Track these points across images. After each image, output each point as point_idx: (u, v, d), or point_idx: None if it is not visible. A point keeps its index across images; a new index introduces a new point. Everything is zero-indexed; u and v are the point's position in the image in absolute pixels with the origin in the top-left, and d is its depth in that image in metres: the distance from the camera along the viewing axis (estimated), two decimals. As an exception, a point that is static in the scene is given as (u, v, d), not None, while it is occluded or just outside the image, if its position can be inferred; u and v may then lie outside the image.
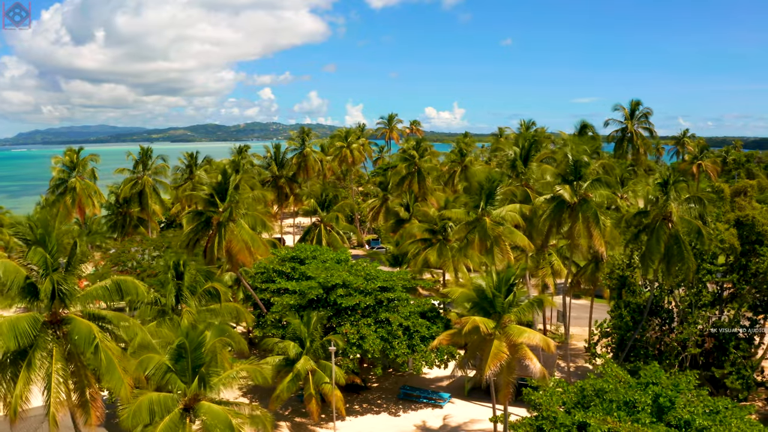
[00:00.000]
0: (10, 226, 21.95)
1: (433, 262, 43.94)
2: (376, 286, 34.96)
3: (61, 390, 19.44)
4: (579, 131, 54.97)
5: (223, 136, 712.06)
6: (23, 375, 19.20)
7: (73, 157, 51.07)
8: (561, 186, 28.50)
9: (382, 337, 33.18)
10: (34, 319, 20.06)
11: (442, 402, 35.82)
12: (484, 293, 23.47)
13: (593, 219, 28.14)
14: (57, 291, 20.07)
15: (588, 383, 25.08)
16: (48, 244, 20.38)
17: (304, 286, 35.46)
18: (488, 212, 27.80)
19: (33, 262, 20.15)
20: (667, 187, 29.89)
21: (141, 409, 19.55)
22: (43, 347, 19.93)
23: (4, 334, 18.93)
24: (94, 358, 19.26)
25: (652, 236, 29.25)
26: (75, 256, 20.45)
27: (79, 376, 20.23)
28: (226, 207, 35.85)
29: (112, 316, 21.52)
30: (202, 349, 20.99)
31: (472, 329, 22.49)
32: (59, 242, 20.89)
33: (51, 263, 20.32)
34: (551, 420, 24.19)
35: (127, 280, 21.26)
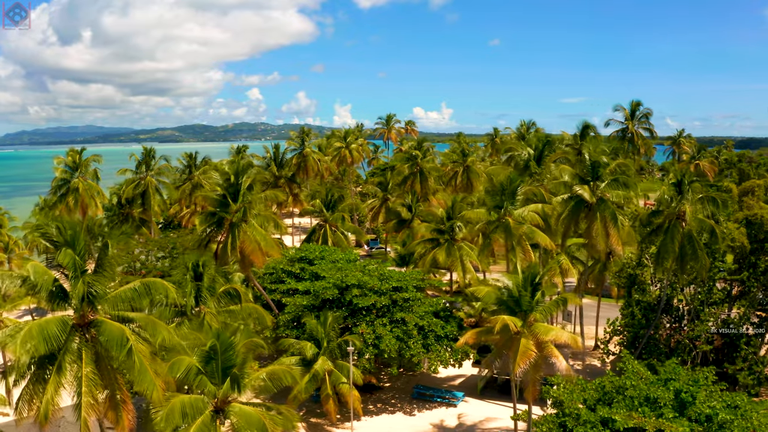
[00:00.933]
0: (37, 228, 21.62)
1: (441, 261, 44.09)
2: (390, 286, 35.04)
3: (92, 394, 19.21)
4: (581, 132, 55.40)
5: (211, 136, 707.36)
6: (53, 379, 18.94)
7: (75, 157, 50.46)
8: (580, 186, 28.82)
9: (397, 337, 33.25)
10: (63, 321, 19.85)
11: (456, 401, 35.97)
12: (511, 292, 23.64)
13: (611, 219, 28.50)
14: (87, 293, 19.84)
15: (607, 380, 25.38)
16: (77, 246, 20.16)
17: (318, 286, 35.40)
18: (510, 212, 28.00)
19: (63, 264, 19.88)
20: (681, 186, 30.33)
21: (174, 412, 19.41)
22: (72, 350, 19.70)
23: (34, 338, 18.67)
24: (126, 361, 19.04)
25: (666, 235, 29.67)
26: (106, 257, 20.21)
27: (109, 380, 20.01)
28: (239, 207, 35.67)
29: (139, 319, 21.31)
30: (232, 350, 20.92)
31: (500, 328, 22.64)
32: (87, 244, 20.68)
33: (81, 265, 20.10)
34: (574, 417, 24.44)
35: (156, 282, 21.06)
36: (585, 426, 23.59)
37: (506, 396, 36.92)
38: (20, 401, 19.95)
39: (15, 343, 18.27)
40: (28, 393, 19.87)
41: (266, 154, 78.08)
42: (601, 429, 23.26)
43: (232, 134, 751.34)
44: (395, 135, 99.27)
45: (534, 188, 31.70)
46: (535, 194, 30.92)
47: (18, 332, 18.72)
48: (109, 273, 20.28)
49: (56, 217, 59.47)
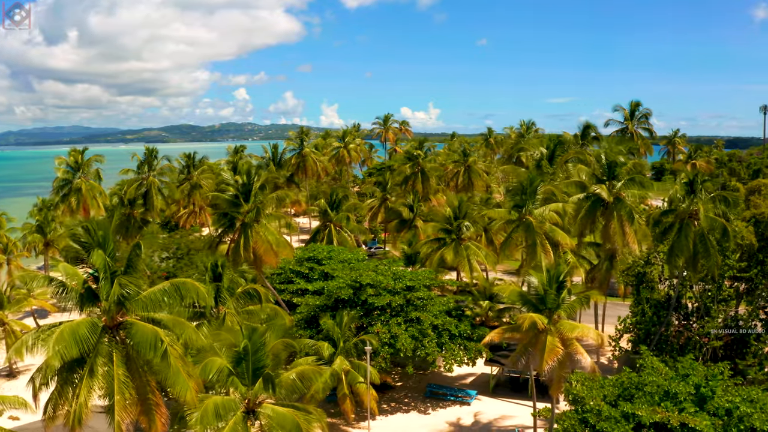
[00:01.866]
0: (68, 229, 21.35)
1: (449, 261, 44.28)
2: (403, 285, 35.16)
3: (125, 396, 19.03)
4: (582, 132, 56.10)
5: (198, 136, 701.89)
6: (86, 382, 18.71)
7: (77, 157, 49.80)
8: (598, 185, 29.21)
9: (412, 336, 33.37)
10: (93, 324, 19.62)
11: (469, 399, 36.17)
12: (536, 290, 23.89)
13: (627, 217, 28.91)
14: (117, 294, 19.64)
15: (625, 376, 25.71)
16: (107, 247, 19.97)
17: (332, 286, 35.40)
18: (530, 211, 28.28)
19: (96, 265, 19.67)
20: (693, 186, 30.84)
21: (208, 413, 19.29)
22: (103, 353, 19.49)
23: (66, 341, 18.41)
24: (160, 362, 18.88)
25: (680, 234, 30.14)
26: (138, 258, 20.04)
27: (140, 382, 19.82)
28: (252, 207, 35.58)
29: (167, 320, 21.15)
30: (262, 351, 20.85)
31: (528, 325, 22.88)
32: (116, 245, 20.50)
33: (112, 266, 19.92)
34: (595, 413, 24.72)
35: (187, 282, 20.93)
36: (608, 421, 23.89)
37: (518, 394, 37.23)
38: (48, 405, 19.69)
39: (47, 346, 18.01)
40: (57, 397, 19.61)
41: (265, 154, 77.86)
42: (625, 424, 23.58)
43: (219, 134, 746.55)
44: (393, 135, 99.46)
45: (552, 187, 31.99)
46: (555, 194, 31.16)
47: (50, 335, 18.47)
48: (140, 274, 20.11)
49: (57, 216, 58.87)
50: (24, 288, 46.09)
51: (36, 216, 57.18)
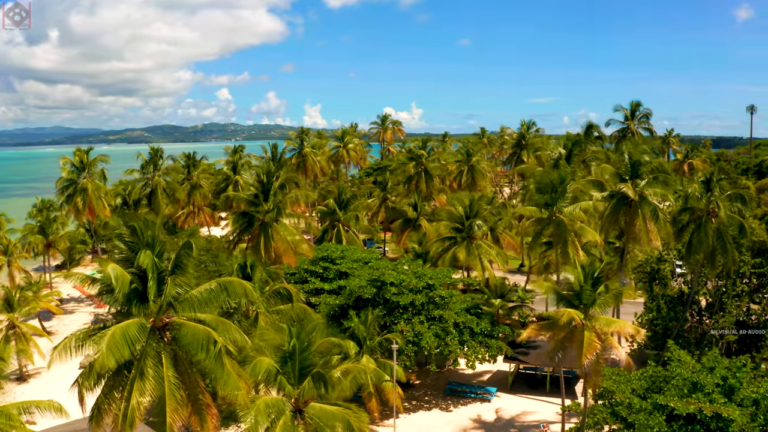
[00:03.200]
0: (113, 228, 21.04)
1: (462, 260, 44.62)
2: (424, 284, 35.35)
3: (176, 398, 18.85)
4: (585, 131, 56.91)
5: (181, 137, 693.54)
6: (138, 385, 18.43)
7: (83, 157, 48.93)
8: (623, 183, 29.77)
9: (436, 334, 33.58)
10: (141, 325, 19.35)
11: (489, 396, 36.51)
12: (571, 286, 24.27)
13: (651, 215, 29.52)
14: (165, 295, 19.44)
15: (651, 370, 26.23)
16: (155, 247, 19.76)
17: (353, 285, 35.42)
18: (560, 209, 28.69)
19: (144, 266, 19.44)
20: (709, 184, 31.58)
21: (260, 413, 19.22)
22: (151, 354, 19.26)
23: (118, 343, 18.09)
24: (213, 363, 18.70)
25: (700, 231, 30.82)
26: (186, 258, 19.85)
27: (190, 383, 19.62)
28: (272, 207, 35.40)
29: (210, 320, 20.98)
30: (308, 350, 20.84)
31: (565, 321, 23.24)
32: (163, 245, 20.28)
33: (160, 266, 19.72)
34: (627, 406, 25.17)
35: (234, 281, 20.79)
36: (640, 414, 24.33)
37: (535, 390, 37.71)
38: (95, 410, 19.36)
39: (100, 348, 17.71)
40: (104, 400, 19.32)
41: (264, 154, 77.39)
42: (658, 416, 24.03)
43: (202, 135, 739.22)
44: (390, 135, 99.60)
45: (579, 185, 32.48)
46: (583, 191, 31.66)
47: (101, 336, 18.17)
48: (189, 273, 19.94)
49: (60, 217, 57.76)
50: (30, 290, 45.28)
51: (38, 217, 56.15)
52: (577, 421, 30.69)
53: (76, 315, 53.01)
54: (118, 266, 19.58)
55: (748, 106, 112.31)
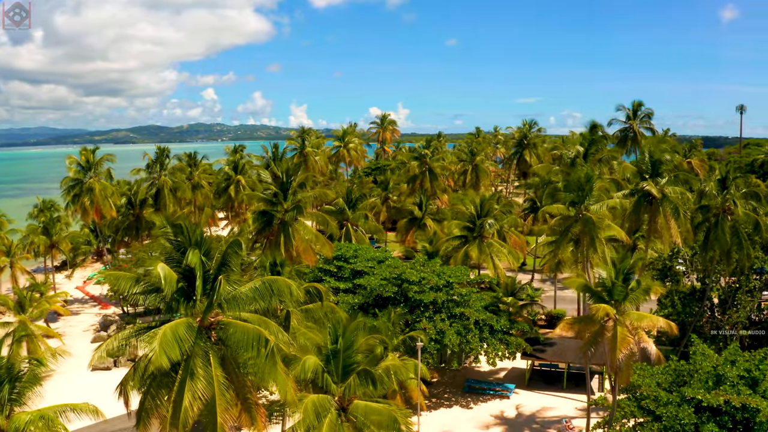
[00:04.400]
0: (160, 227, 20.84)
1: (475, 258, 44.96)
2: (444, 282, 35.57)
3: (226, 398, 18.75)
4: (589, 131, 57.61)
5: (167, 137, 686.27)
6: (189, 386, 18.26)
7: (89, 156, 48.26)
8: (646, 182, 30.30)
9: (457, 332, 33.81)
10: (189, 324, 19.21)
11: (508, 393, 36.84)
12: (603, 282, 24.64)
13: (673, 213, 30.08)
14: (217, 294, 19.34)
15: (674, 364, 26.72)
16: (203, 246, 19.66)
17: (374, 283, 35.49)
18: (588, 207, 29.10)
19: (192, 264, 19.32)
20: (725, 182, 32.25)
21: (308, 412, 19.24)
22: (200, 354, 19.12)
23: (169, 343, 17.84)
24: (264, 362, 18.62)
25: (716, 228, 31.46)
26: (233, 256, 19.77)
27: (238, 383, 19.54)
28: (291, 206, 35.31)
29: (253, 319, 20.92)
30: (352, 349, 20.90)
31: (600, 316, 23.59)
32: (210, 244, 20.18)
33: (207, 265, 19.62)
34: (653, 399, 25.61)
35: (278, 280, 20.73)
36: (669, 407, 24.75)
37: (552, 386, 38.13)
38: (142, 412, 19.17)
39: (154, 349, 17.50)
40: (151, 402, 19.11)
41: (265, 154, 77.15)
42: (686, 408, 24.47)
43: (187, 135, 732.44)
44: (390, 135, 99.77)
45: (605, 184, 32.98)
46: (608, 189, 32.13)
47: (153, 338, 17.97)
48: (237, 272, 19.86)
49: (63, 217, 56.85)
50: (37, 291, 44.60)
51: (40, 217, 55.26)
52: (598, 417, 31.19)
53: (81, 316, 52.31)
54: (166, 265, 19.42)
55: (737, 106, 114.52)
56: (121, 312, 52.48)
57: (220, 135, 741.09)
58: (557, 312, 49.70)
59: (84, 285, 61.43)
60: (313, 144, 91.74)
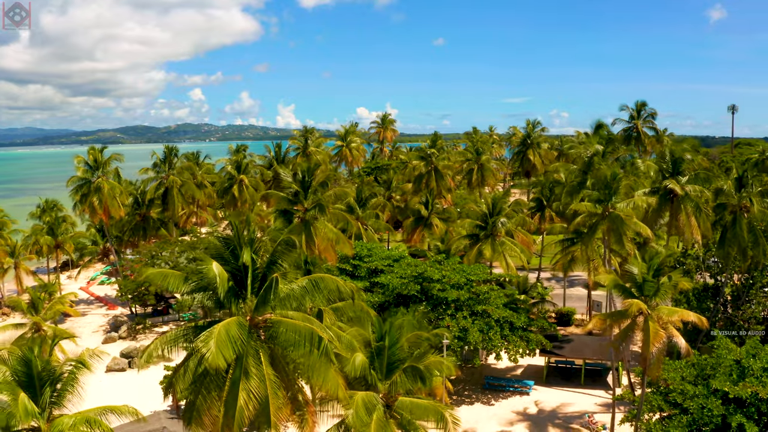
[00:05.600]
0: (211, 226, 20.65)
1: (488, 256, 45.24)
2: (465, 280, 35.80)
3: (278, 397, 18.69)
4: (594, 130, 58.30)
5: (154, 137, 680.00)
6: (243, 385, 18.15)
7: (97, 155, 47.69)
8: (669, 180, 30.79)
9: (480, 329, 34.04)
10: (240, 323, 19.09)
11: (527, 389, 37.16)
12: (634, 278, 25.01)
13: (694, 210, 30.61)
14: (266, 292, 19.28)
15: (695, 358, 27.19)
16: (254, 244, 19.60)
17: (396, 282, 35.58)
18: (614, 205, 29.50)
19: (247, 263, 19.24)
20: (742, 181, 32.89)
21: (359, 408, 19.29)
22: (252, 353, 19.04)
23: (224, 342, 17.60)
24: (315, 360, 18.60)
25: (734, 226, 32.05)
26: (283, 254, 19.73)
27: (288, 381, 19.50)
28: (312, 205, 35.26)
29: (297, 317, 20.88)
30: (396, 346, 20.99)
31: (634, 311, 23.98)
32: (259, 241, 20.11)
33: (258, 263, 19.56)
34: (679, 392, 26.05)
35: (326, 278, 20.72)
36: (700, 398, 25.17)
37: (569, 382, 38.53)
38: (193, 411, 19.00)
39: (210, 349, 17.33)
40: (203, 402, 18.93)
41: (268, 153, 76.87)
42: (714, 399, 24.91)
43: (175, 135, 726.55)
44: (391, 134, 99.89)
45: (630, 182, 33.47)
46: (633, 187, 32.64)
47: (208, 338, 17.81)
48: (287, 270, 19.81)
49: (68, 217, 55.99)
50: (46, 292, 44.00)
51: (45, 217, 54.45)
52: (619, 411, 31.65)
53: (89, 317, 51.68)
54: (218, 264, 19.32)
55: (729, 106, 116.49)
56: (129, 313, 51.96)
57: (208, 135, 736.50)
58: (567, 309, 50.25)
59: (88, 285, 60.67)
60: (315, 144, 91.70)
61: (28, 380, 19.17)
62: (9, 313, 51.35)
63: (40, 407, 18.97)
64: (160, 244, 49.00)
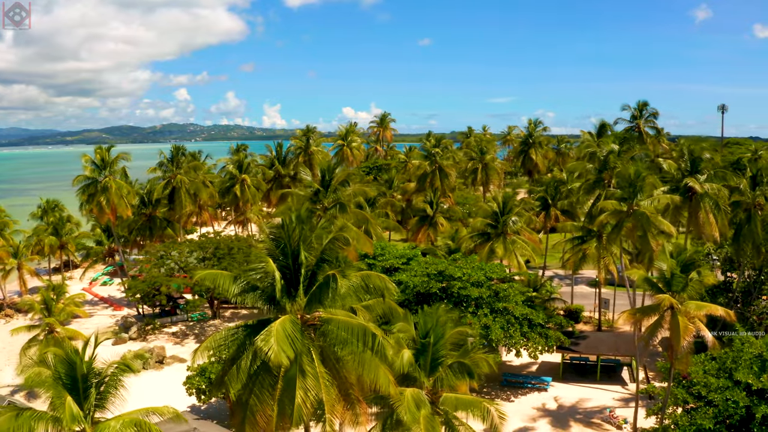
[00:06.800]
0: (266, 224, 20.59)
1: (500, 254, 45.63)
2: (484, 278, 36.08)
3: (331, 395, 18.72)
4: (598, 130, 59.05)
5: (140, 138, 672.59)
6: (300, 383, 18.12)
7: (104, 155, 47.06)
8: (689, 178, 31.42)
9: (501, 326, 34.34)
10: (294, 321, 19.07)
11: (545, 386, 37.57)
12: (663, 274, 25.48)
13: (712, 208, 31.28)
14: (336, 292, 19.26)
15: (714, 352, 27.79)
16: (306, 241, 19.58)
17: (417, 280, 35.73)
18: (638, 203, 29.98)
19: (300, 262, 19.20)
20: (756, 179, 33.66)
21: (410, 404, 19.38)
22: (305, 351, 19.02)
23: (282, 341, 17.49)
24: (369, 357, 18.66)
25: (750, 223, 32.79)
26: (333, 252, 19.75)
27: (339, 378, 19.52)
28: (333, 203, 35.24)
29: (342, 314, 20.96)
30: (441, 342, 21.15)
31: (666, 306, 24.42)
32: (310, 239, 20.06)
33: (310, 261, 19.55)
34: (703, 385, 26.59)
35: (372, 275, 20.83)
36: (726, 391, 25.70)
37: (585, 378, 39.04)
38: (246, 411, 18.90)
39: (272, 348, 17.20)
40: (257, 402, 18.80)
41: (269, 153, 76.60)
42: (739, 392, 25.46)
43: (161, 135, 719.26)
44: (390, 134, 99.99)
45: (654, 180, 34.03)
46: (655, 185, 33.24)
47: (269, 336, 17.69)
48: (337, 267, 19.83)
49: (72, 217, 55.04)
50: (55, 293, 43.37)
51: (50, 217, 53.56)
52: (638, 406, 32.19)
53: (95, 318, 50.93)
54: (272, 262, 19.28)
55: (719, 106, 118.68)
56: (137, 313, 51.39)
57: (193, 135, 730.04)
58: (575, 307, 50.88)
59: (90, 286, 59.84)
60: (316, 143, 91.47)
61: (71, 382, 18.92)
62: (13, 315, 50.44)
63: (83, 410, 18.73)
64: (169, 244, 48.53)
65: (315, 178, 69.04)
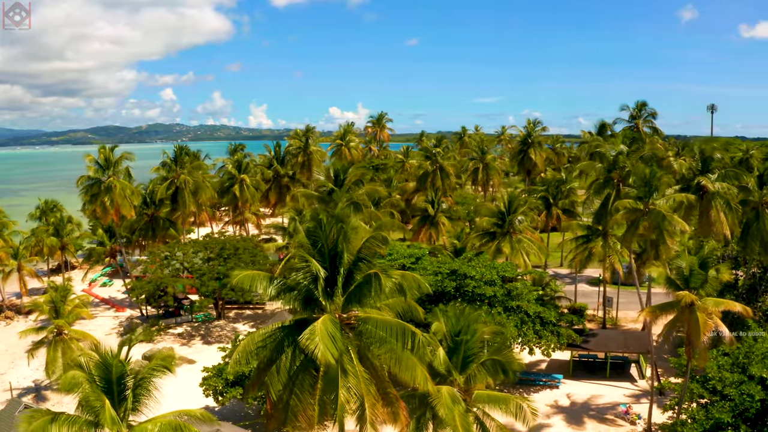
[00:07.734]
0: (302, 221, 20.56)
1: (507, 253, 45.96)
2: (497, 276, 36.33)
3: (371, 393, 18.74)
4: (598, 130, 59.75)
5: (125, 138, 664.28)
6: (342, 382, 18.17)
7: (108, 155, 46.46)
8: (702, 177, 31.96)
9: (515, 324, 34.63)
10: (333, 320, 19.06)
11: (557, 383, 37.93)
12: (681, 271, 25.92)
13: (724, 207, 31.87)
14: (360, 290, 19.28)
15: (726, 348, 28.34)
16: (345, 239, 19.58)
17: (430, 279, 35.84)
18: (653, 202, 30.44)
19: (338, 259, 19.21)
20: (762, 179, 34.35)
21: (447, 401, 19.51)
22: (344, 350, 18.99)
23: (326, 340, 17.55)
24: (407, 355, 18.70)
25: (758, 221, 33.45)
26: (371, 251, 19.77)
27: (377, 377, 19.54)
28: (346, 203, 35.24)
29: (376, 313, 21.00)
30: (473, 339, 21.29)
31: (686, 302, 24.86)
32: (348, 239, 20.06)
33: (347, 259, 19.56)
34: (718, 379, 27.10)
35: (406, 275, 20.88)
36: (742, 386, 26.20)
37: (595, 375, 39.49)
38: (287, 411, 18.82)
39: (318, 347, 17.12)
40: (297, 402, 18.74)
41: (268, 153, 76.29)
42: (755, 386, 25.98)
43: (146, 135, 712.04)
44: (387, 134, 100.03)
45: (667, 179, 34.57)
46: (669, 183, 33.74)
47: (313, 335, 17.64)
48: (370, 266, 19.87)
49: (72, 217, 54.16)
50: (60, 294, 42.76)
51: (50, 218, 52.71)
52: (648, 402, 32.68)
53: (98, 320, 50.28)
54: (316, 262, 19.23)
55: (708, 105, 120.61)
56: (140, 315, 50.85)
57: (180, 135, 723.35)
58: (579, 305, 51.43)
59: (90, 288, 59.04)
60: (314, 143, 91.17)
61: (107, 386, 18.72)
62: (13, 317, 49.58)
63: (119, 413, 18.54)
64: (173, 245, 48.07)
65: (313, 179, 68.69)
